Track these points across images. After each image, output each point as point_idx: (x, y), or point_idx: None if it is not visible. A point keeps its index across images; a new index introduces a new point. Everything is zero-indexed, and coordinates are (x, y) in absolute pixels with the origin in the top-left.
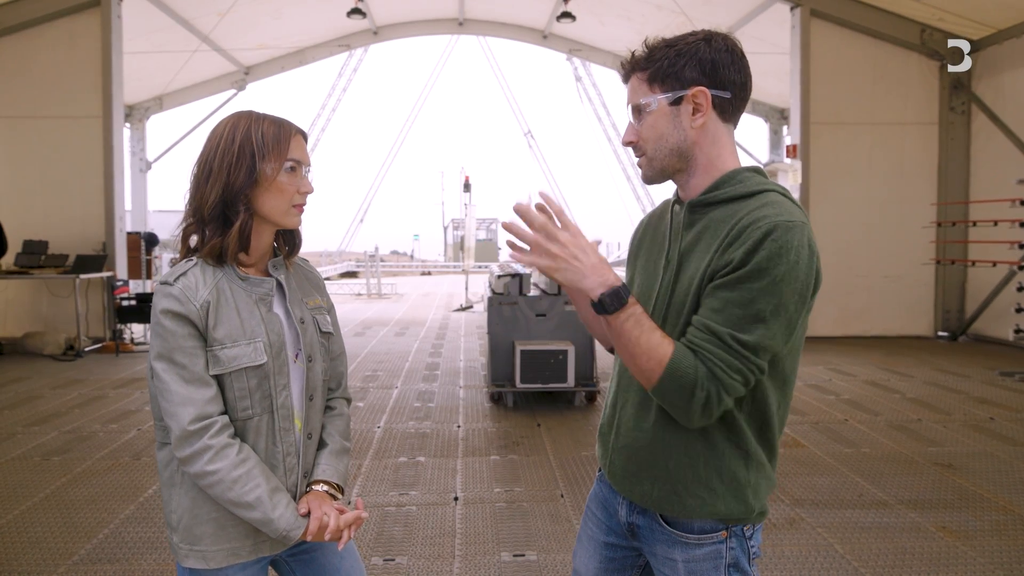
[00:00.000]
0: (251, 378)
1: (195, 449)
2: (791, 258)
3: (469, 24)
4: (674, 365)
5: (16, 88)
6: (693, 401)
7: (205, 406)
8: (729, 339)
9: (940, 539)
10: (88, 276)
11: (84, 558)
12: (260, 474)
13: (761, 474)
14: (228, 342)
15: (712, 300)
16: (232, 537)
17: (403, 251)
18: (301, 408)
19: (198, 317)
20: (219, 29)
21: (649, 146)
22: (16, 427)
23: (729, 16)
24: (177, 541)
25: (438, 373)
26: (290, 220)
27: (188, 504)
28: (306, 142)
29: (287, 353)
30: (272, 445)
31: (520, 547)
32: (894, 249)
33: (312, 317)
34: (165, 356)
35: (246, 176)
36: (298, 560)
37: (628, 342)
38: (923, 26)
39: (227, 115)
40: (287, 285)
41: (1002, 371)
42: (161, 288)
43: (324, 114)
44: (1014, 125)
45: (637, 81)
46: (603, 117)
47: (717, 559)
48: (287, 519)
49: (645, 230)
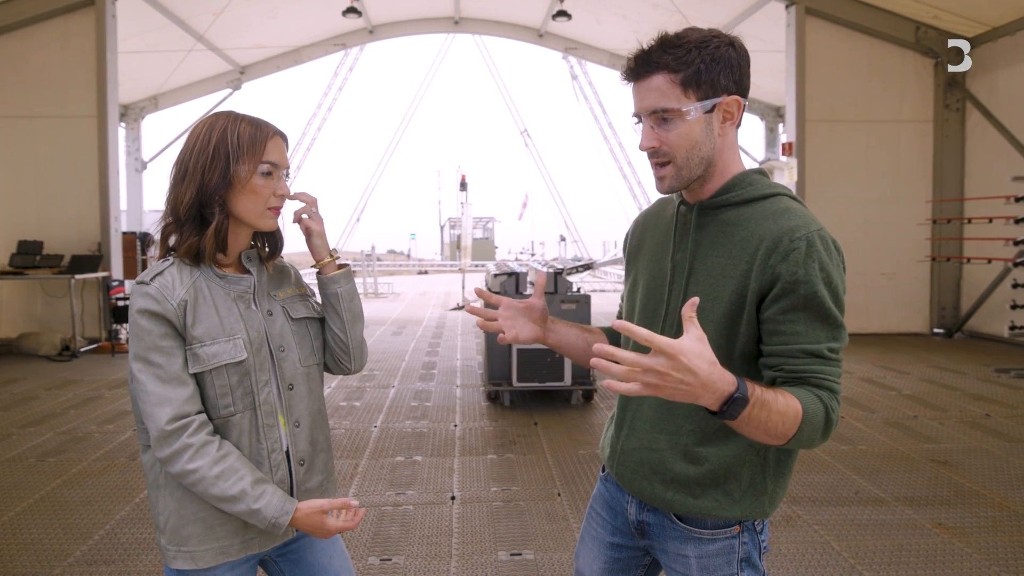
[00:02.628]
0: (232, 375)
1: (174, 449)
2: (835, 260)
3: (465, 23)
4: (808, 414)
5: (10, 88)
6: (828, 427)
7: (183, 405)
8: (828, 352)
9: (936, 536)
10: (83, 276)
11: (80, 559)
12: (242, 467)
13: (779, 484)
14: (207, 340)
15: (793, 324)
16: (220, 536)
17: (400, 250)
18: (283, 401)
19: (175, 316)
20: (214, 28)
21: (680, 155)
22: (11, 428)
23: (725, 14)
24: (165, 543)
25: (435, 372)
26: (265, 223)
27: (174, 505)
28: (286, 144)
29: (268, 348)
30: (256, 442)
31: (517, 546)
32: (890, 246)
33: (281, 307)
34: (141, 356)
35: (220, 178)
36: (287, 559)
37: (758, 428)
38: (918, 24)
39: (208, 115)
40: (257, 279)
41: (997, 367)
42: (137, 288)
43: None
44: (1008, 122)
45: (667, 83)
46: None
47: (730, 554)
48: (274, 506)
49: (644, 229)
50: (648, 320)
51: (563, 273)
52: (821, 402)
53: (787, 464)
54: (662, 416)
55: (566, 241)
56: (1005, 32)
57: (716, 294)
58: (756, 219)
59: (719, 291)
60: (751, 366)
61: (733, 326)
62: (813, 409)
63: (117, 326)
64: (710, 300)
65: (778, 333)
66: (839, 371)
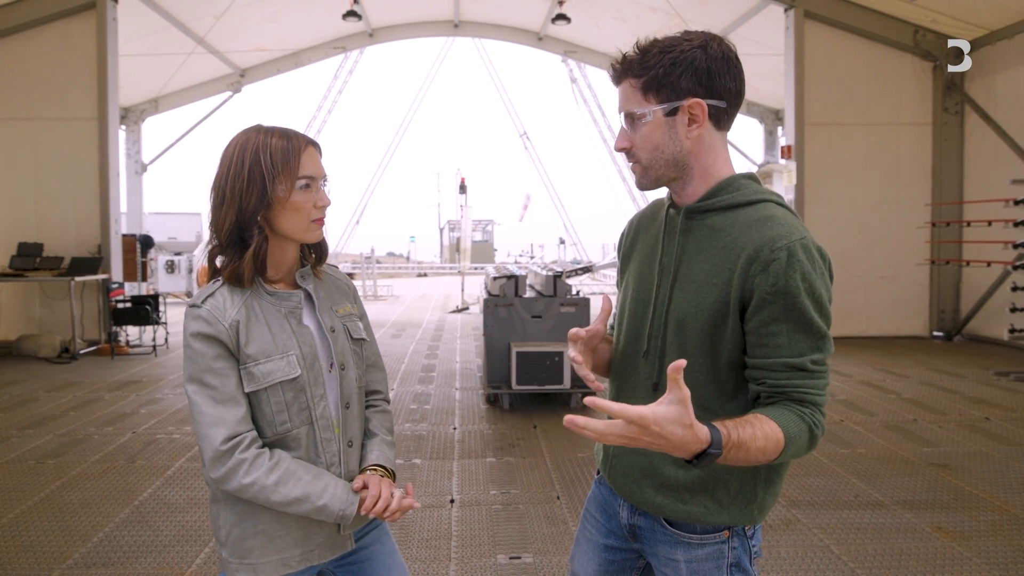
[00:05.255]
0: (287, 391)
1: (229, 467)
2: (819, 269)
3: (464, 26)
4: (790, 438)
5: (11, 90)
6: (813, 442)
7: (236, 425)
8: (811, 365)
9: (936, 539)
10: (83, 279)
11: (79, 562)
12: (298, 468)
13: (770, 492)
14: (261, 358)
15: (775, 337)
16: (281, 548)
17: (399, 253)
18: (339, 417)
19: (228, 337)
20: (215, 31)
21: (644, 156)
22: (11, 430)
23: (723, 18)
24: (227, 556)
25: (434, 375)
26: (311, 235)
27: (234, 518)
28: (320, 152)
29: (321, 364)
30: (315, 456)
31: (516, 549)
32: (889, 249)
33: (343, 325)
34: (196, 378)
35: (258, 200)
36: (346, 570)
37: (737, 462)
38: (916, 27)
39: (237, 133)
40: (315, 295)
41: (997, 371)
42: (190, 311)
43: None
44: (1007, 125)
45: (630, 88)
46: (599, 119)
47: (719, 559)
48: (339, 499)
49: (637, 231)
50: (636, 324)
51: (562, 276)
52: (804, 421)
53: (778, 473)
54: None
55: (565, 244)
56: (1003, 35)
57: (700, 301)
58: (739, 226)
59: (703, 298)
60: (738, 374)
61: (718, 334)
62: (795, 432)
63: (116, 328)
64: (694, 307)
65: (760, 346)
66: (824, 383)
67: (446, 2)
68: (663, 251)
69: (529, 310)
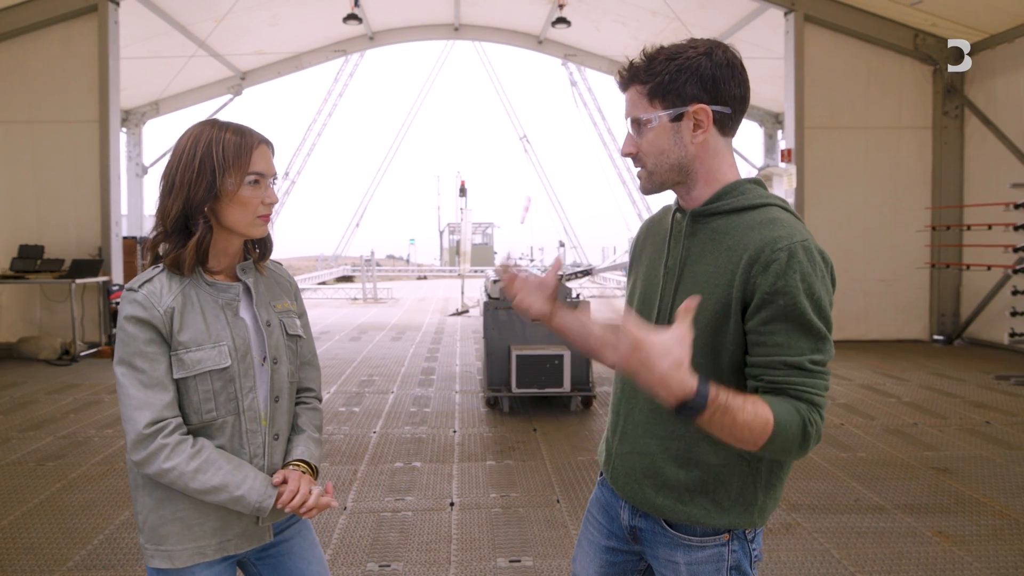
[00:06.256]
0: (215, 381)
1: (150, 450)
2: (819, 272)
3: (464, 29)
4: (780, 425)
5: (13, 93)
6: (806, 440)
7: (162, 410)
8: (809, 364)
9: (936, 544)
10: (84, 281)
11: (79, 564)
12: (219, 457)
13: (770, 495)
14: (193, 346)
15: (774, 336)
16: (198, 536)
17: (399, 255)
18: (267, 410)
19: (161, 322)
20: (216, 35)
21: (650, 160)
22: (11, 432)
23: (723, 21)
24: (144, 542)
25: (434, 378)
26: (255, 231)
27: (152, 504)
28: (272, 151)
29: (253, 356)
30: (239, 446)
31: (516, 553)
32: (889, 253)
33: (279, 320)
34: (126, 361)
35: (206, 191)
36: (265, 563)
37: (722, 432)
38: (916, 31)
39: (192, 125)
40: (255, 289)
41: (998, 375)
42: (127, 295)
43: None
44: (1007, 129)
45: (636, 94)
46: (598, 122)
47: (719, 562)
48: (257, 491)
49: (647, 235)
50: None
51: (562, 279)
52: (799, 414)
53: (779, 476)
54: (654, 420)
55: (565, 247)
56: (1003, 39)
57: (703, 301)
58: (743, 228)
59: (706, 298)
60: (740, 375)
61: (720, 335)
62: (787, 420)
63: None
64: (698, 307)
65: (760, 344)
66: (823, 383)
67: (446, 5)
68: (668, 254)
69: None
